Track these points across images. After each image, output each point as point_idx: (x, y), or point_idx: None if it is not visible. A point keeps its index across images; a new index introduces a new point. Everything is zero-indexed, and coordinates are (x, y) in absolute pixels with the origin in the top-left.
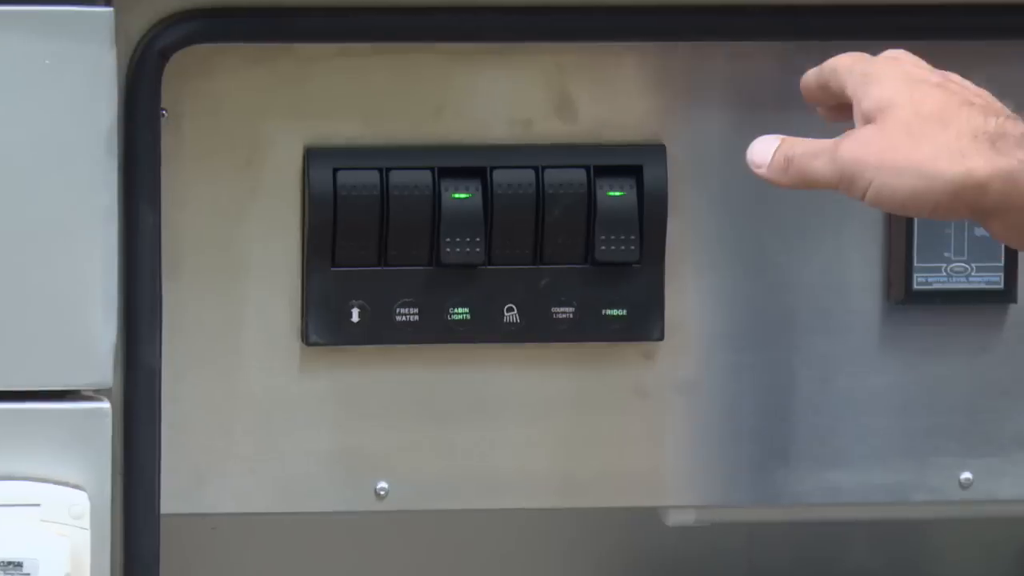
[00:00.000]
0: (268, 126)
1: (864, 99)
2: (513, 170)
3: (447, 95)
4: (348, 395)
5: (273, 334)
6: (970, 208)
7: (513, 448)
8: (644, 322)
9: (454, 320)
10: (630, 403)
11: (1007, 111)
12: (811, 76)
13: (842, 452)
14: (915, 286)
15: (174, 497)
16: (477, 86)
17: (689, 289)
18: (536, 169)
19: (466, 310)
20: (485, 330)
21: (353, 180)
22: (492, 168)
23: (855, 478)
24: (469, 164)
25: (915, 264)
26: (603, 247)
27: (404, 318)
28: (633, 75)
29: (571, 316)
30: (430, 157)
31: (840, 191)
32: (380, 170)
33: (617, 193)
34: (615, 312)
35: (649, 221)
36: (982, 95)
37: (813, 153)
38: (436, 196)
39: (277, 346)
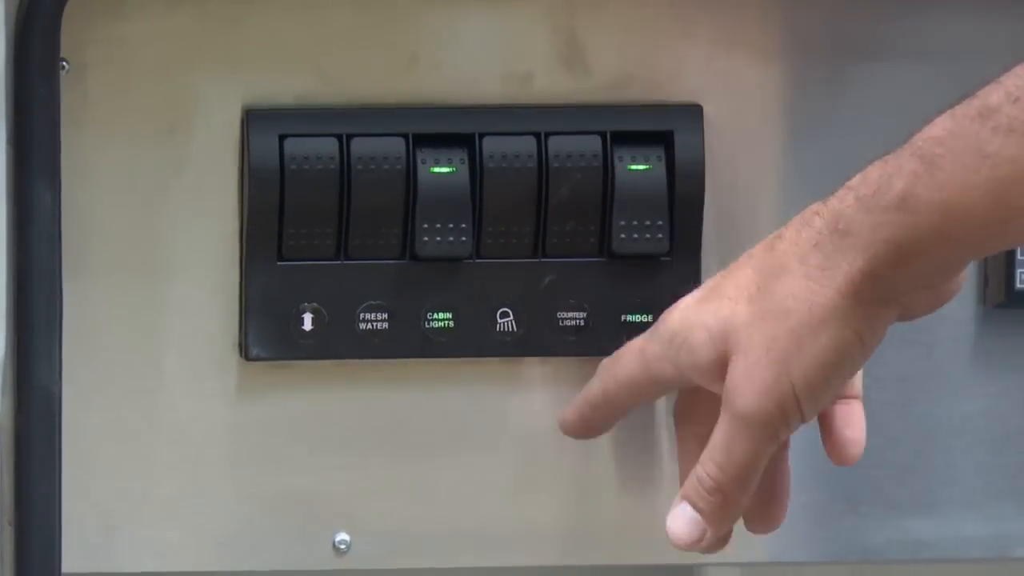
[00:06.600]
0: (196, 81)
1: (696, 358)
2: (508, 137)
3: (423, 41)
4: (298, 424)
5: (203, 346)
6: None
7: (508, 490)
8: None
9: (433, 328)
10: (656, 434)
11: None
12: (583, 410)
13: (926, 496)
14: (1018, 284)
15: (79, 553)
16: (461, 29)
17: None
18: (537, 136)
19: (448, 316)
20: (472, 341)
21: (304, 150)
22: (481, 135)
23: (943, 529)
24: (452, 130)
25: (1018, 258)
26: (622, 236)
27: (369, 326)
28: (662, 16)
29: (582, 323)
30: (402, 120)
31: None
32: (339, 137)
33: (641, 167)
34: (638, 318)
35: (681, 203)
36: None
37: (739, 464)
38: (410, 170)
39: (208, 362)
